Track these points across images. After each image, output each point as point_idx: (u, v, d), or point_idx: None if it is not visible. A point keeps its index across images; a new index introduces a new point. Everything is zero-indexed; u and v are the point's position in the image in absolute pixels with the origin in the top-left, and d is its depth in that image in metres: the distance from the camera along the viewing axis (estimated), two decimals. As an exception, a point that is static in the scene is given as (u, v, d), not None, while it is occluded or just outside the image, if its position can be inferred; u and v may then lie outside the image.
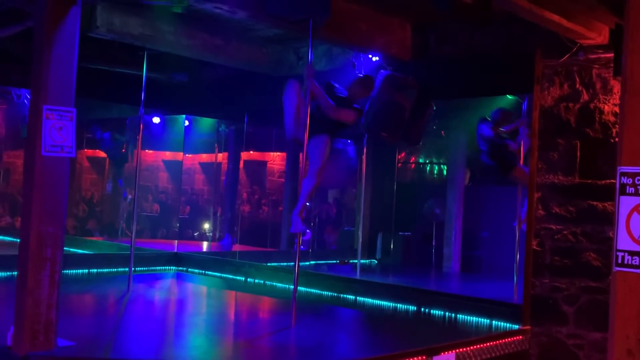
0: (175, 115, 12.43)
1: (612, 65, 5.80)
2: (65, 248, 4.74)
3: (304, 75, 5.94)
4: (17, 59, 8.16)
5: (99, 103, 10.88)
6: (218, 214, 14.43)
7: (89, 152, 15.10)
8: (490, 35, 6.61)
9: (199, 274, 9.60)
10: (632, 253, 3.31)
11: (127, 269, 7.67)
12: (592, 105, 6.06)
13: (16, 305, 4.49)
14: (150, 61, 7.85)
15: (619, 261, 3.34)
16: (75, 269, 8.67)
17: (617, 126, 5.85)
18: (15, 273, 4.58)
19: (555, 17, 5.11)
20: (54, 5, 4.50)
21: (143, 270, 9.19)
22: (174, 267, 9.79)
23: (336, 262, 11.05)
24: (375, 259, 11.60)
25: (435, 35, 7.06)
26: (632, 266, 3.31)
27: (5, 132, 14.54)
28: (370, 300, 7.86)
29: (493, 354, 5.77)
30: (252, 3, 5.82)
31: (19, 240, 4.61)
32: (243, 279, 9.10)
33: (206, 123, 13.48)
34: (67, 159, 4.56)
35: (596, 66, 6.03)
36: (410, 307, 7.48)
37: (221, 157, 14.38)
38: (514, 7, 4.93)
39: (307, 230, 12.23)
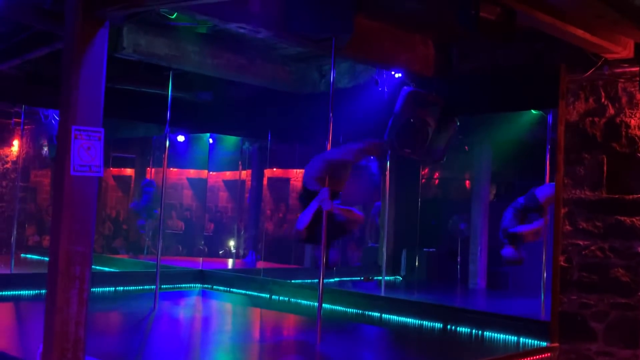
0: (200, 134, 12.53)
1: (637, 79, 5.75)
2: (92, 266, 4.79)
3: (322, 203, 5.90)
4: (46, 80, 8.30)
5: (125, 122, 11.00)
6: (242, 232, 14.48)
7: (114, 170, 15.27)
8: (514, 50, 6.59)
9: (224, 291, 9.62)
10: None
11: (153, 287, 7.72)
12: (618, 120, 6.00)
13: (45, 323, 4.52)
14: (175, 80, 7.95)
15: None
16: (102, 287, 8.76)
17: (644, 140, 5.80)
18: (44, 291, 4.63)
19: (580, 32, 5.08)
20: (83, 28, 4.57)
21: (169, 288, 9.25)
22: (199, 285, 9.83)
23: (360, 279, 11.01)
24: (400, 276, 11.54)
25: (458, 51, 7.05)
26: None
27: (33, 152, 14.78)
28: (395, 317, 7.81)
29: (521, 372, 5.72)
30: (275, 22, 5.86)
31: (46, 258, 4.66)
32: (268, 296, 9.10)
33: (230, 141, 13.57)
34: (95, 179, 4.61)
35: (622, 80, 5.98)
36: (436, 324, 7.42)
37: (245, 174, 14.45)
38: (538, 23, 4.91)
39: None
